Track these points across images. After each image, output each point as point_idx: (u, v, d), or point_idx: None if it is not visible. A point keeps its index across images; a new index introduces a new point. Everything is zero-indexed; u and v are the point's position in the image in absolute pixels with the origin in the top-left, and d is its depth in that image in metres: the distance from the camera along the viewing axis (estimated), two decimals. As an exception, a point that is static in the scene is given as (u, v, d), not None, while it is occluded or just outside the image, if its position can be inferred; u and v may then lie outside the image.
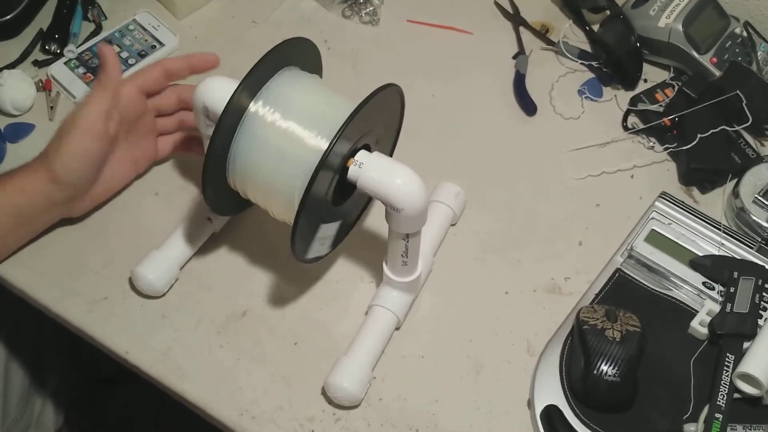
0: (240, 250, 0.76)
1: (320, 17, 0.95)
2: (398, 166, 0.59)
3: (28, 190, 0.69)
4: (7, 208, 0.69)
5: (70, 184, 0.70)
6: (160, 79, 0.74)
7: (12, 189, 0.69)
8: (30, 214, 0.71)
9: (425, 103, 0.88)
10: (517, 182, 0.82)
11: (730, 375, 0.66)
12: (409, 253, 0.65)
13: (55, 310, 0.72)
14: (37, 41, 0.89)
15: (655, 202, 0.79)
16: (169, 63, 0.74)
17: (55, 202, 0.71)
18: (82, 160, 0.69)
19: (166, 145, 0.79)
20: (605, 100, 0.89)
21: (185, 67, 0.74)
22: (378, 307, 0.69)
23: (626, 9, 0.91)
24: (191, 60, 0.74)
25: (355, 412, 0.68)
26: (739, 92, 0.81)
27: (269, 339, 0.71)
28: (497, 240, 0.78)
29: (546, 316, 0.73)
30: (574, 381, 0.66)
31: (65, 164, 0.68)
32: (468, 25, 0.95)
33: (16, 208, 0.69)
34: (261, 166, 0.61)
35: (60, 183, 0.69)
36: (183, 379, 0.69)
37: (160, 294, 0.72)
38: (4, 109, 0.82)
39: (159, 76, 0.73)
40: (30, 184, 0.69)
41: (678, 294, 0.73)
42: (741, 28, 0.90)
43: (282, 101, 0.61)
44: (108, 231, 0.76)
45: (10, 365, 0.99)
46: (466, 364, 0.71)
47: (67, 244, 0.75)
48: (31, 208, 0.70)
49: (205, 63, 0.75)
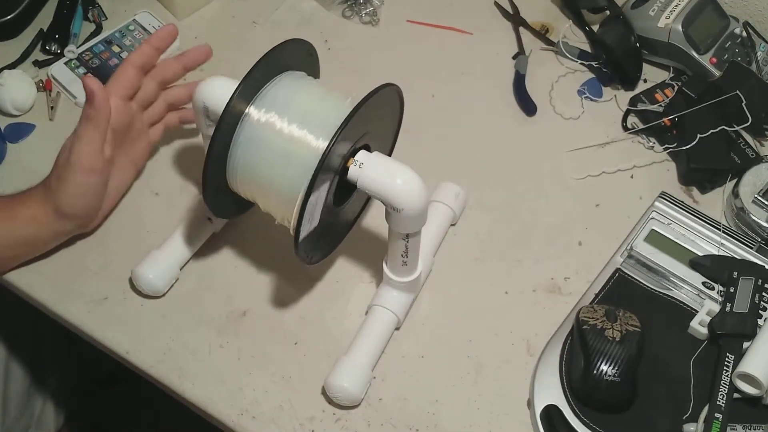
0: (240, 250, 0.76)
1: (320, 17, 0.95)
2: (398, 166, 0.59)
3: (40, 222, 0.69)
4: (18, 238, 0.70)
5: (79, 216, 0.71)
6: (134, 76, 0.72)
7: (24, 221, 0.69)
8: (41, 242, 0.72)
9: (425, 103, 0.88)
10: (517, 182, 0.82)
11: (730, 375, 0.66)
12: (409, 253, 0.65)
13: (55, 310, 0.72)
14: (37, 41, 0.89)
15: (655, 202, 0.79)
16: (134, 57, 0.72)
17: (66, 231, 0.72)
18: (86, 196, 0.70)
19: (157, 131, 0.79)
20: (605, 100, 0.89)
21: (152, 52, 0.73)
22: (378, 307, 0.69)
23: (626, 9, 0.91)
24: (153, 42, 0.73)
25: (355, 412, 0.68)
26: (738, 92, 0.81)
27: (269, 339, 0.71)
28: (497, 240, 0.78)
29: (546, 316, 0.73)
30: (574, 381, 0.66)
31: (69, 203, 0.69)
32: (468, 25, 0.95)
33: (26, 237, 0.70)
34: (261, 167, 0.61)
35: (69, 217, 0.70)
36: (183, 379, 0.69)
37: (160, 294, 0.72)
38: (5, 109, 0.82)
39: (132, 74, 0.72)
40: (41, 215, 0.69)
41: (678, 294, 0.73)
42: (741, 29, 0.90)
43: (281, 102, 0.61)
44: (108, 231, 0.76)
45: (10, 365, 0.99)
46: (466, 364, 0.71)
47: (67, 244, 0.75)
48: (43, 237, 0.71)
49: (166, 37, 0.74)
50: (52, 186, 0.68)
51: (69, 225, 0.71)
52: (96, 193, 0.71)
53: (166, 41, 0.74)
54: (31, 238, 0.71)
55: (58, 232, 0.71)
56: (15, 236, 0.70)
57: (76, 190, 0.68)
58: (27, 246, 0.71)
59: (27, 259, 0.73)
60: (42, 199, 0.69)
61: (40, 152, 0.81)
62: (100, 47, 0.88)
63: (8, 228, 0.69)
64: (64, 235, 0.73)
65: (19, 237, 0.70)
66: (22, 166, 0.80)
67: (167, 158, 0.81)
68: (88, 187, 0.69)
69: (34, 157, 0.81)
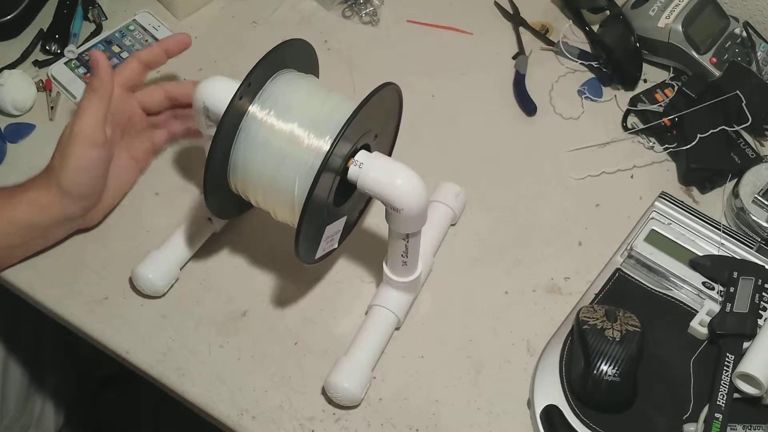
0: (240, 250, 0.76)
1: (320, 17, 0.95)
2: (398, 167, 0.59)
3: (42, 204, 0.69)
4: (22, 222, 0.69)
5: (82, 196, 0.71)
6: (138, 70, 0.74)
7: (27, 204, 0.69)
8: (44, 228, 0.71)
9: (425, 103, 0.88)
10: (517, 182, 0.82)
11: (730, 375, 0.66)
12: (409, 253, 0.65)
13: (55, 310, 0.72)
14: (37, 41, 0.89)
15: (655, 202, 0.79)
16: (143, 53, 0.74)
17: (69, 216, 0.71)
18: (87, 171, 0.69)
19: (161, 135, 0.79)
20: (605, 100, 0.89)
21: (160, 53, 0.75)
22: (378, 307, 0.69)
23: (626, 9, 0.91)
24: (165, 45, 0.75)
25: (355, 412, 0.68)
26: (738, 92, 0.81)
27: (269, 339, 0.71)
28: (497, 240, 0.78)
29: (546, 316, 0.73)
30: (574, 381, 0.66)
31: (72, 179, 0.69)
32: (468, 25, 0.95)
33: (30, 222, 0.70)
34: (262, 167, 0.61)
35: (72, 197, 0.70)
36: (183, 379, 0.69)
37: (160, 294, 0.72)
38: (5, 109, 0.82)
39: (136, 67, 0.74)
40: (44, 197, 0.69)
41: (678, 294, 0.73)
42: (741, 29, 0.90)
43: (283, 102, 0.61)
44: (108, 230, 0.76)
45: (10, 364, 0.99)
46: (466, 364, 0.71)
47: (67, 244, 0.75)
48: (46, 222, 0.70)
49: (178, 44, 0.76)
50: (55, 166, 0.69)
51: (72, 207, 0.70)
52: (98, 168, 0.70)
53: (177, 48, 0.76)
54: (34, 222, 0.70)
55: (62, 216, 0.71)
56: (17, 221, 0.69)
57: (78, 163, 0.68)
58: (31, 233, 0.70)
59: (31, 251, 0.72)
60: (45, 182, 0.69)
61: (40, 152, 0.81)
62: (100, 47, 0.88)
63: (10, 212, 0.68)
64: (68, 222, 0.72)
65: (23, 222, 0.69)
66: (22, 166, 0.80)
67: (168, 158, 0.81)
68: (91, 160, 0.69)
69: (34, 157, 0.80)
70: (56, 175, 0.68)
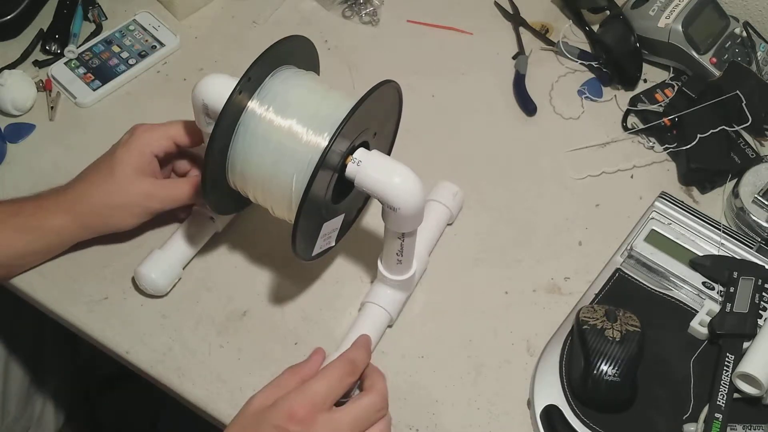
0: (241, 250, 0.76)
1: (320, 17, 0.95)
2: (396, 165, 0.59)
3: (63, 234, 0.71)
4: (41, 248, 0.71)
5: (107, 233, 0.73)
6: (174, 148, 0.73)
7: (48, 230, 0.70)
8: (59, 248, 0.73)
9: (425, 103, 0.88)
10: (517, 182, 0.82)
11: (730, 375, 0.66)
12: (404, 251, 0.65)
13: (55, 310, 0.72)
14: (37, 41, 0.89)
15: (655, 202, 0.79)
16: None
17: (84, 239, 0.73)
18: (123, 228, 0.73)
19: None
20: (605, 100, 0.89)
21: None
22: (370, 304, 0.69)
23: (626, 9, 0.91)
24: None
25: (355, 411, 0.67)
26: (738, 92, 0.81)
27: (269, 339, 0.71)
28: (497, 240, 0.78)
29: (546, 316, 0.73)
30: (574, 381, 0.66)
31: (104, 225, 0.71)
32: (468, 25, 0.95)
33: (49, 247, 0.72)
34: (261, 162, 0.61)
35: (95, 231, 0.72)
36: (183, 379, 0.69)
37: (163, 293, 0.72)
38: (5, 109, 0.82)
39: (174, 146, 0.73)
40: (63, 228, 0.70)
41: (678, 294, 0.73)
42: (741, 29, 0.90)
43: (281, 98, 0.61)
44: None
45: (10, 365, 0.99)
46: (466, 364, 0.71)
47: (67, 244, 0.75)
48: (62, 246, 0.73)
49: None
50: (83, 203, 0.70)
51: (92, 235, 0.73)
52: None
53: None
54: (53, 248, 0.72)
55: (77, 240, 0.73)
56: (37, 246, 0.71)
57: (118, 227, 0.72)
58: (45, 255, 0.73)
59: (36, 263, 0.73)
60: (68, 211, 0.70)
61: (40, 152, 0.81)
62: (100, 47, 0.88)
63: (32, 238, 0.70)
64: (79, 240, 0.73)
65: (42, 247, 0.71)
66: (22, 166, 0.80)
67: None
68: (131, 225, 0.72)
69: (34, 157, 0.81)
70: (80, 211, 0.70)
